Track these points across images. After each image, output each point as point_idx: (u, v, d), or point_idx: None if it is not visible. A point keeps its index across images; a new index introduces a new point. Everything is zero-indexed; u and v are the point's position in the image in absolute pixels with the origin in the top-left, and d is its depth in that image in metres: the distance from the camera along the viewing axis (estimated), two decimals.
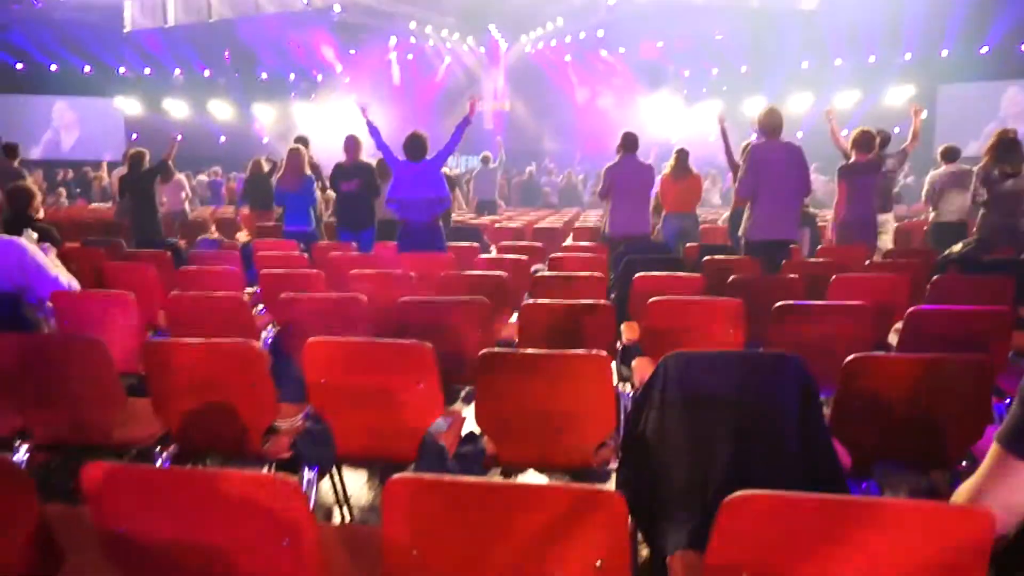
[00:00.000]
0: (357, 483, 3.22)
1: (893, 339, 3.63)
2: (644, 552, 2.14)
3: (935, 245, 6.55)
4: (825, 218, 7.14)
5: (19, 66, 18.63)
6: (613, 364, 2.81)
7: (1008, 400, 2.63)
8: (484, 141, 14.53)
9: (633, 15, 14.57)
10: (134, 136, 18.64)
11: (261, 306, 4.58)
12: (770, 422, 1.90)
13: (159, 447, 2.53)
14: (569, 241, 7.78)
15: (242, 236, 7.85)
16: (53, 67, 18.96)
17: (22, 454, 2.50)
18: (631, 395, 3.03)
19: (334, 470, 2.82)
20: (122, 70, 19.36)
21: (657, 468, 1.95)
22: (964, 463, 2.27)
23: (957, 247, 5.47)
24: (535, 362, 2.37)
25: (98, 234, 7.22)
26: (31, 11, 14.76)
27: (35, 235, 3.64)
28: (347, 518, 2.94)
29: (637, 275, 4.23)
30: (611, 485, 2.18)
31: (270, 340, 3.76)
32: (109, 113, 19.41)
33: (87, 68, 19.06)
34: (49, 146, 19.89)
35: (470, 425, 2.53)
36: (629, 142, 6.29)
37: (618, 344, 3.79)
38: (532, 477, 2.70)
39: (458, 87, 20.56)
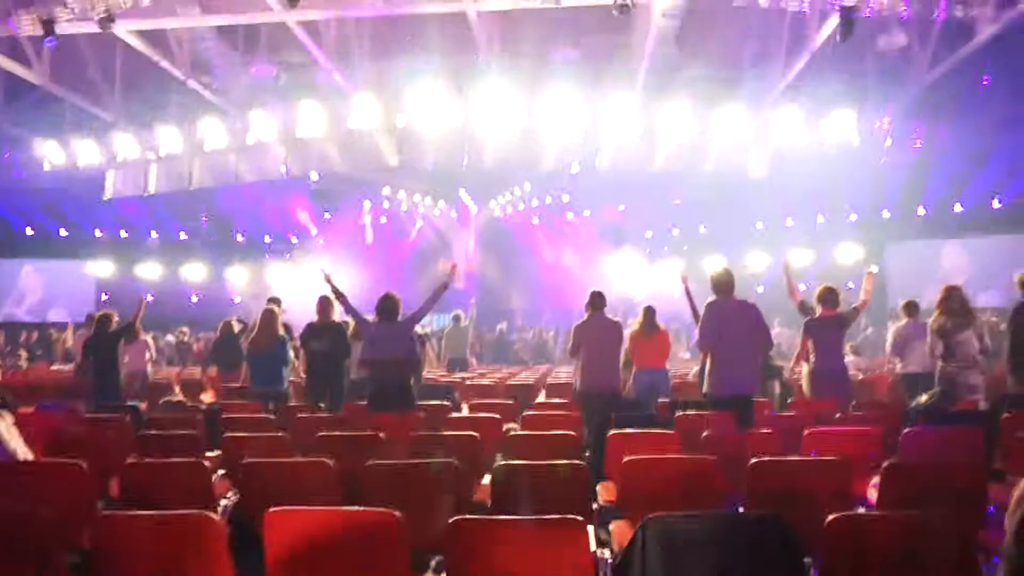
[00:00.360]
0: None
1: (871, 493, 3.58)
2: None
3: (904, 394, 6.68)
4: (795, 371, 7.27)
5: None
6: (590, 528, 2.70)
7: (995, 558, 2.57)
8: (455, 299, 14.81)
9: (596, 182, 15.52)
10: (104, 297, 18.61)
11: (222, 471, 4.39)
12: None
13: None
14: (541, 398, 7.73)
15: (207, 398, 7.68)
16: (28, 231, 19.22)
17: None
18: (610, 561, 2.90)
19: None
20: (98, 234, 19.66)
21: None
22: None
23: (923, 399, 5.56)
24: (509, 528, 2.28)
25: (56, 397, 7.03)
26: (13, 181, 15.19)
27: None
28: None
29: (611, 433, 4.19)
30: None
31: (230, 509, 3.57)
32: (79, 275, 19.42)
33: (62, 232, 19.34)
34: (12, 308, 19.71)
35: None
36: (597, 300, 6.44)
37: (594, 505, 3.67)
38: None
39: (430, 248, 21.22)
